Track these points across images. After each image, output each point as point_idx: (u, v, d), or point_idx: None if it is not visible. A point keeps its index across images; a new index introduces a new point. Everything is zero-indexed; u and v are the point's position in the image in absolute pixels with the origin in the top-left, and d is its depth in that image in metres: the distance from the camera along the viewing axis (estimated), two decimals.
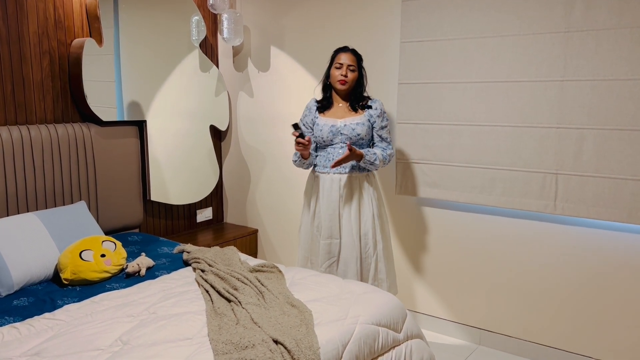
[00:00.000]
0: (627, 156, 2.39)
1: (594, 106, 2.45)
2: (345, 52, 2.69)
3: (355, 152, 2.55)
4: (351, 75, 2.67)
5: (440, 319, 3.12)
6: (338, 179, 2.68)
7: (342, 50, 2.71)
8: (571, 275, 2.67)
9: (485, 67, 2.71)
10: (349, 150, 2.52)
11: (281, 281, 2.31)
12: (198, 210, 3.87)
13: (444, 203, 3.01)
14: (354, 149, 2.54)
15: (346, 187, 2.67)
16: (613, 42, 2.37)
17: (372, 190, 2.71)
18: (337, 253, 2.72)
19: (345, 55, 2.67)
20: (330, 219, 2.69)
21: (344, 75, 2.66)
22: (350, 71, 2.67)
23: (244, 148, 3.88)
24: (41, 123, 2.87)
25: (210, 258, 2.50)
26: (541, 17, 2.53)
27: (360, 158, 2.59)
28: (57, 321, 1.97)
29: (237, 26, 3.55)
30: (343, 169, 2.68)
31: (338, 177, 2.68)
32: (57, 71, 2.93)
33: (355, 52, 2.71)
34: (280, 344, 1.75)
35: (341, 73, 2.66)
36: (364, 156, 2.59)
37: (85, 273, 2.37)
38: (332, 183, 2.69)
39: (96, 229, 2.76)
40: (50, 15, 2.87)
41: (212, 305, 2.04)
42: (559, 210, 2.58)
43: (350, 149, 2.52)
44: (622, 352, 2.57)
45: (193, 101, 3.63)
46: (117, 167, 3.12)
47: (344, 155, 2.54)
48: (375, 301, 2.14)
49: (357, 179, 2.69)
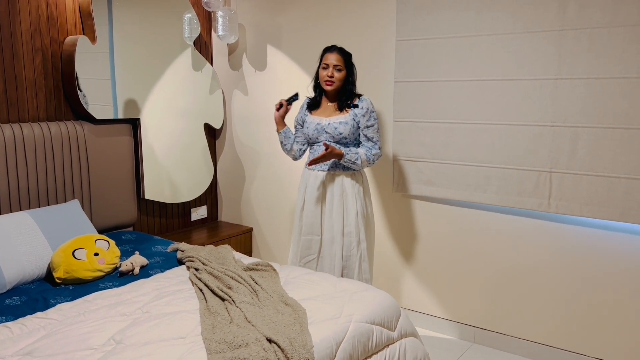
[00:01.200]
0: (621, 155, 2.40)
1: (587, 104, 2.45)
2: (332, 52, 2.67)
3: (333, 151, 2.56)
4: (338, 75, 2.66)
5: (434, 317, 3.12)
6: (321, 176, 2.70)
7: (328, 50, 2.69)
8: (565, 273, 2.67)
9: (480, 65, 2.71)
10: (325, 149, 2.53)
11: (275, 280, 2.31)
12: (192, 209, 3.86)
13: (439, 200, 3.02)
14: (332, 147, 2.55)
15: (325, 184, 2.69)
16: (607, 41, 2.37)
17: (358, 187, 2.71)
18: (317, 250, 2.73)
19: (332, 55, 2.66)
20: (312, 215, 2.71)
21: (330, 76, 2.65)
22: (337, 71, 2.65)
23: (239, 146, 3.87)
24: (34, 121, 2.85)
25: (204, 257, 2.50)
26: (535, 16, 2.53)
27: (340, 157, 2.59)
28: (50, 320, 1.96)
29: (232, 24, 3.54)
30: (324, 166, 2.69)
31: (321, 174, 2.70)
32: (50, 69, 2.91)
33: (342, 51, 2.68)
34: (274, 343, 1.75)
35: (327, 74, 2.66)
36: (344, 155, 2.59)
37: (78, 272, 2.36)
38: (315, 179, 2.71)
39: (89, 227, 2.74)
40: (42, 12, 2.85)
41: (206, 304, 2.04)
42: (553, 208, 2.59)
43: (327, 148, 2.53)
44: (616, 349, 2.58)
45: (187, 99, 3.61)
46: (110, 165, 3.10)
47: (321, 154, 2.55)
48: (369, 299, 2.14)
49: (340, 177, 2.69)
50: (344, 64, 2.66)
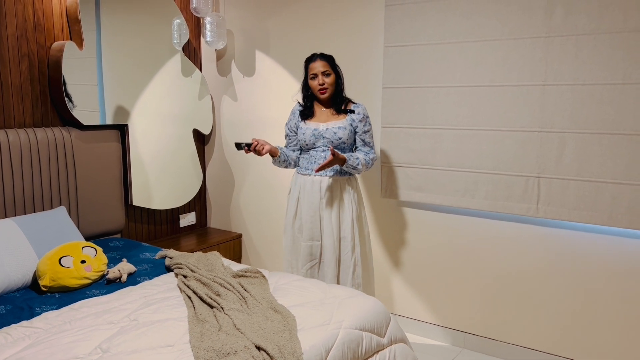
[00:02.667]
0: (607, 160, 2.42)
1: (574, 110, 2.47)
2: (315, 61, 2.68)
3: (338, 157, 2.55)
4: (329, 80, 2.67)
5: (424, 323, 3.12)
6: (319, 182, 2.69)
7: (311, 59, 2.71)
8: (553, 277, 2.69)
9: (467, 71, 2.72)
10: (332, 155, 2.53)
11: (264, 286, 2.29)
12: (181, 215, 3.83)
13: (428, 206, 3.02)
14: (337, 153, 2.55)
15: (328, 190, 2.68)
16: (593, 47, 2.40)
17: (353, 193, 2.72)
18: (318, 255, 2.73)
19: (316, 63, 2.67)
20: (311, 220, 2.70)
21: (321, 84, 2.66)
22: (326, 76, 2.67)
23: (228, 152, 3.85)
24: (20, 127, 2.82)
25: (192, 263, 2.48)
26: (522, 22, 2.55)
27: (343, 162, 2.59)
28: (35, 329, 1.93)
29: (220, 29, 3.53)
30: (326, 172, 2.68)
31: (319, 179, 2.69)
32: (37, 74, 2.89)
33: (324, 56, 2.69)
34: (263, 350, 1.73)
35: (318, 82, 2.67)
36: (346, 160, 2.59)
37: (64, 280, 2.33)
38: (312, 185, 2.70)
39: (76, 234, 2.71)
40: (29, 17, 2.83)
41: (194, 312, 2.02)
42: (541, 213, 2.60)
43: (333, 154, 2.53)
44: (605, 353, 2.59)
45: (176, 105, 3.60)
46: (98, 171, 3.08)
47: (328, 160, 2.54)
48: (359, 306, 2.13)
49: (339, 182, 2.70)
50: (330, 68, 2.68)
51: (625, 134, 2.37)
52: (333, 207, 2.68)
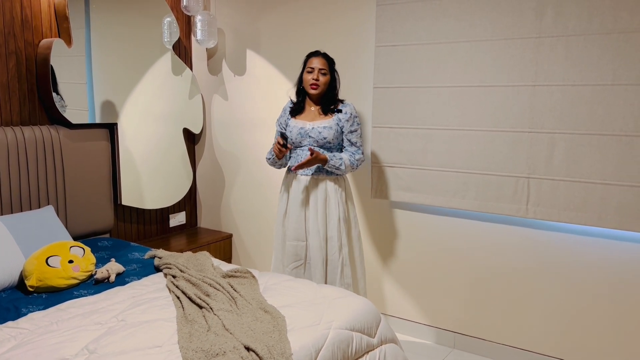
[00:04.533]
0: (597, 161, 2.43)
1: (564, 111, 2.48)
2: (317, 57, 2.70)
3: (318, 156, 2.56)
4: (323, 79, 2.68)
5: (414, 323, 3.12)
6: (304, 181, 2.69)
7: (313, 54, 2.72)
8: (543, 277, 2.70)
9: (458, 71, 2.73)
10: (310, 154, 2.53)
11: (254, 287, 2.28)
12: (171, 215, 3.81)
13: (419, 207, 3.02)
14: (317, 152, 2.55)
15: (309, 189, 2.68)
16: (582, 48, 2.41)
17: (341, 192, 2.71)
18: (303, 256, 2.72)
19: (317, 59, 2.69)
20: (296, 220, 2.70)
21: (315, 80, 2.67)
22: (322, 75, 2.67)
23: (218, 152, 3.83)
24: (7, 125, 2.79)
25: (182, 263, 2.46)
26: (513, 23, 2.56)
27: (324, 162, 2.59)
28: (21, 330, 1.90)
29: (211, 28, 3.51)
30: (309, 171, 2.68)
31: (305, 178, 2.70)
32: (24, 72, 2.85)
33: (326, 56, 2.71)
34: (252, 351, 1.72)
35: (313, 77, 2.67)
36: (328, 160, 2.59)
37: (51, 280, 2.30)
38: (298, 184, 2.70)
39: (64, 234, 2.69)
40: (16, 14, 2.79)
41: (183, 312, 2.00)
42: (531, 214, 2.61)
43: (312, 153, 2.53)
44: (594, 353, 2.60)
45: (166, 104, 3.57)
46: (86, 170, 3.05)
47: (306, 159, 2.55)
48: (349, 306, 2.12)
49: (324, 182, 2.69)
50: (329, 69, 2.68)
51: (615, 135, 2.38)
52: (319, 207, 2.67)
